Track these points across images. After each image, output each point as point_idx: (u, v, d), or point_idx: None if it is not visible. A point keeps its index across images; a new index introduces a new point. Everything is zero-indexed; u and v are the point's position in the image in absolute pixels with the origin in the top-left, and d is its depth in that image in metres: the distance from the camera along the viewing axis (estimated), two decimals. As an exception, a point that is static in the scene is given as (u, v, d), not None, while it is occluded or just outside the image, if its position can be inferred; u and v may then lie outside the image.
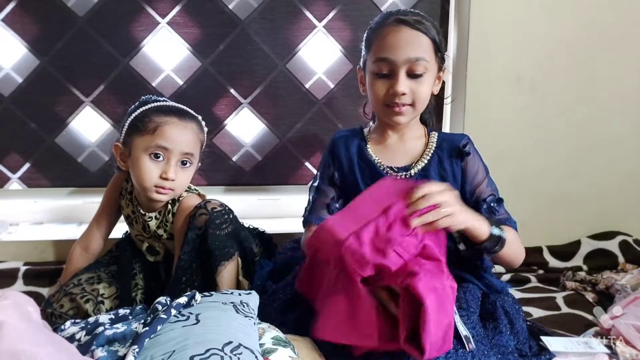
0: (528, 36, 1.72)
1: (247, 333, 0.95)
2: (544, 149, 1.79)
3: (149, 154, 1.26)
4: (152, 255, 1.41)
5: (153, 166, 1.27)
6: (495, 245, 1.08)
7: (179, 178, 1.29)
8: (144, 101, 1.33)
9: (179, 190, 1.32)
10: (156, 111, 1.29)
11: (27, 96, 1.73)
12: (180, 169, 1.29)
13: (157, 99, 1.34)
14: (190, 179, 1.34)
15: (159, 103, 1.32)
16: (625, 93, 1.79)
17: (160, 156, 1.27)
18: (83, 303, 1.27)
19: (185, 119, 1.30)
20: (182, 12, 1.73)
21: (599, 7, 1.72)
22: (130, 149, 1.30)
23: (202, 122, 1.36)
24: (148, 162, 1.27)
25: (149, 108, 1.30)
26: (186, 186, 1.35)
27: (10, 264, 1.61)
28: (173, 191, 1.30)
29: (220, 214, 1.25)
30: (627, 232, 1.81)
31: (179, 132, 1.28)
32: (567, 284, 1.61)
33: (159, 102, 1.33)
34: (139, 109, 1.31)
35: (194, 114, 1.35)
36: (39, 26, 1.70)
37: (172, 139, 1.26)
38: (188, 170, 1.31)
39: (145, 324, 0.95)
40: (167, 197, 1.30)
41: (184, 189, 1.34)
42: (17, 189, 1.80)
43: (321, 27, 1.79)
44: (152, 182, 1.27)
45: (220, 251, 1.23)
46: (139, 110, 1.30)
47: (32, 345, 0.74)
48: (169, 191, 1.29)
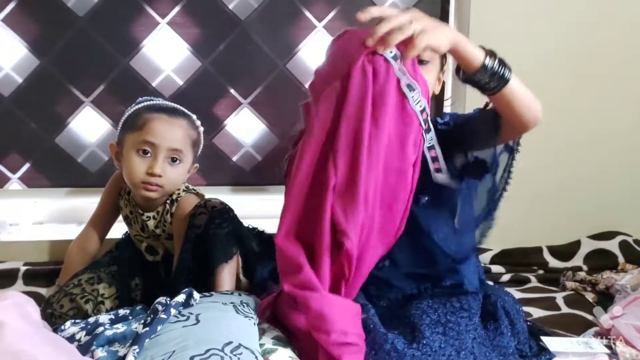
0: (528, 36, 1.71)
1: (247, 333, 0.95)
2: (544, 149, 1.78)
3: (136, 150, 1.27)
4: (152, 255, 1.41)
5: (140, 162, 1.27)
6: (491, 79, 0.96)
7: (167, 174, 1.28)
8: (139, 102, 1.35)
9: (169, 187, 1.30)
10: (147, 109, 1.31)
11: (27, 96, 1.73)
12: (168, 166, 1.28)
13: (151, 99, 1.35)
14: (181, 177, 1.33)
15: (151, 102, 1.33)
16: (626, 93, 1.78)
17: (148, 152, 1.26)
18: (83, 303, 1.27)
19: (174, 115, 1.31)
20: (182, 12, 1.73)
21: (599, 7, 1.72)
22: (122, 147, 1.31)
23: (195, 120, 1.36)
24: (136, 158, 1.27)
25: (141, 106, 1.32)
26: (177, 184, 1.34)
27: (10, 264, 1.61)
28: (162, 188, 1.28)
29: (220, 212, 1.25)
30: (627, 232, 1.81)
31: (166, 128, 1.28)
32: (567, 284, 1.60)
33: (152, 101, 1.34)
34: (133, 108, 1.32)
35: (186, 111, 1.35)
36: (39, 26, 1.70)
37: (159, 134, 1.26)
38: (178, 167, 1.30)
39: (145, 324, 0.95)
40: (155, 194, 1.29)
41: (174, 187, 1.33)
42: (17, 189, 1.80)
43: (321, 27, 1.79)
44: (139, 178, 1.27)
45: (221, 251, 1.23)
46: (132, 109, 1.32)
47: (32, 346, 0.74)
48: (157, 187, 1.28)
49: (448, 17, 1.80)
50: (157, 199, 1.33)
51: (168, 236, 1.36)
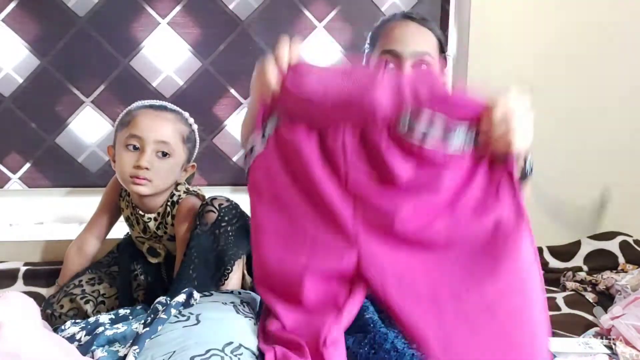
0: (528, 37, 1.71)
1: (248, 333, 0.95)
2: (544, 149, 1.78)
3: (125, 145, 1.27)
4: (153, 257, 1.41)
5: (128, 157, 1.26)
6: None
7: (155, 168, 1.26)
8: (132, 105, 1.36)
9: (158, 182, 1.28)
10: (136, 107, 1.32)
11: (28, 96, 1.73)
12: (157, 159, 1.27)
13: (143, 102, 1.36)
14: (173, 173, 1.31)
15: (143, 102, 1.34)
16: (626, 93, 1.78)
17: (135, 147, 1.26)
18: (83, 304, 1.27)
19: (160, 109, 1.31)
20: (183, 12, 1.73)
21: (599, 7, 1.72)
22: (115, 147, 1.32)
23: (187, 117, 1.35)
24: (124, 154, 1.27)
25: (132, 106, 1.33)
26: (169, 180, 1.31)
27: (10, 264, 1.61)
28: (151, 182, 1.26)
29: (228, 209, 1.24)
30: (627, 232, 1.81)
31: (151, 120, 1.28)
32: (567, 285, 1.60)
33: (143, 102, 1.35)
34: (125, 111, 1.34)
35: (176, 108, 1.34)
36: (39, 26, 1.70)
37: (144, 127, 1.26)
38: (167, 161, 1.28)
39: (145, 324, 0.95)
40: (145, 188, 1.27)
41: (165, 183, 1.31)
42: (17, 189, 1.80)
43: (321, 27, 1.79)
44: (127, 173, 1.26)
45: (233, 248, 1.22)
46: (124, 112, 1.33)
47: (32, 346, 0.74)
48: (145, 181, 1.26)
49: (448, 17, 1.80)
50: (150, 196, 1.31)
51: (170, 237, 1.36)
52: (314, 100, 0.87)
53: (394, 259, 0.87)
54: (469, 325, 0.81)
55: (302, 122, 0.89)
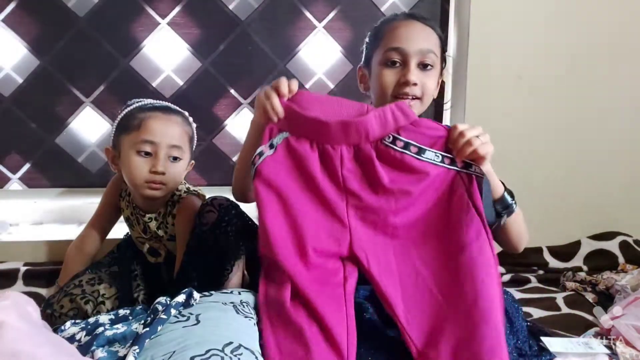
0: (528, 37, 1.72)
1: (248, 333, 0.95)
2: (544, 150, 1.79)
3: (136, 150, 1.27)
4: (154, 257, 1.41)
5: (142, 162, 1.27)
6: (504, 209, 1.12)
7: (169, 172, 1.28)
8: (129, 104, 1.35)
9: (172, 185, 1.31)
10: (140, 109, 1.31)
11: (27, 96, 1.73)
12: (170, 163, 1.28)
13: (141, 100, 1.35)
14: (182, 175, 1.34)
15: (142, 102, 1.34)
16: (626, 94, 1.79)
17: (148, 152, 1.27)
18: (83, 304, 1.27)
19: (168, 112, 1.31)
20: (183, 12, 1.73)
21: (599, 7, 1.72)
22: (119, 150, 1.31)
23: (188, 117, 1.36)
24: (136, 159, 1.27)
25: (133, 108, 1.32)
26: (178, 182, 1.34)
27: (10, 264, 1.61)
28: (165, 186, 1.28)
29: (228, 209, 1.25)
30: (627, 233, 1.81)
31: (164, 125, 1.28)
32: (567, 285, 1.61)
33: (142, 101, 1.34)
34: (125, 111, 1.33)
35: (178, 109, 1.35)
36: (39, 26, 1.70)
37: (157, 132, 1.27)
38: (178, 164, 1.31)
39: (145, 325, 0.96)
40: (159, 192, 1.29)
41: (176, 184, 1.33)
42: (17, 189, 1.80)
43: (321, 27, 1.79)
44: (142, 178, 1.27)
45: (232, 251, 1.22)
46: (124, 112, 1.32)
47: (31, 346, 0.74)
48: (161, 186, 1.28)
49: (448, 17, 1.81)
50: (159, 198, 1.33)
51: (170, 237, 1.36)
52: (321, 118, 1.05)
53: (375, 243, 1.06)
54: (421, 296, 1.01)
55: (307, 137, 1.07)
